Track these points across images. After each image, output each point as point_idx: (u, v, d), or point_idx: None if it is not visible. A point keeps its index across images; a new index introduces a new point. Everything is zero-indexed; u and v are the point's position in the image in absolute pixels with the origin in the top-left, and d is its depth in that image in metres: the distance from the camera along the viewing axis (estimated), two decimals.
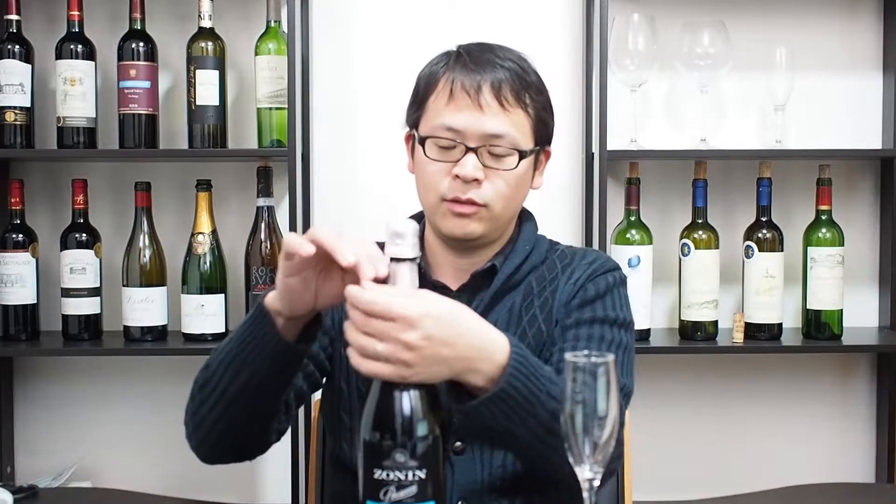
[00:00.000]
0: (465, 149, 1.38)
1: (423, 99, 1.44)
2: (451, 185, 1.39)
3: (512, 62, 1.42)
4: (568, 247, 1.54)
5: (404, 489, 1.00)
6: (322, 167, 2.48)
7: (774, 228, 2.35)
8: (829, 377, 2.54)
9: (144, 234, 2.32)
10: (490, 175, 1.39)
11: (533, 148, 1.43)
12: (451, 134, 1.39)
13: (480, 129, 1.38)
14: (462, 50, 1.44)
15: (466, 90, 1.38)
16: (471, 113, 1.38)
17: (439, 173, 1.40)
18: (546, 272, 1.48)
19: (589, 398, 1.03)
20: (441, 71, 1.42)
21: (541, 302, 1.45)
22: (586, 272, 1.46)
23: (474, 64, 1.40)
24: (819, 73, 2.47)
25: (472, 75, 1.39)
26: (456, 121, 1.38)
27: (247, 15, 2.44)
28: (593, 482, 1.07)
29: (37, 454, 2.49)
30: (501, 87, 1.39)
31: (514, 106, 1.39)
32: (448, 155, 1.40)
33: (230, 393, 1.28)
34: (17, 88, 2.27)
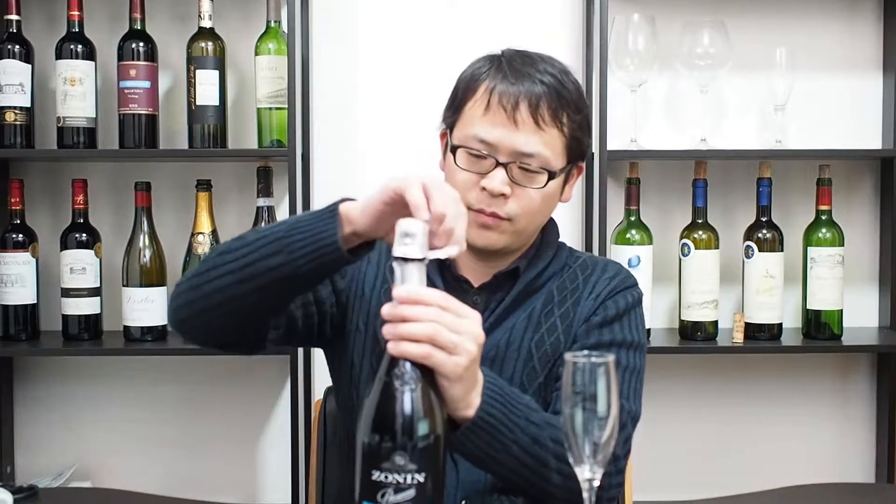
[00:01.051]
0: (496, 163, 1.38)
1: (460, 103, 1.44)
2: (478, 195, 1.39)
3: (552, 77, 1.40)
4: (589, 256, 1.55)
5: (402, 492, 0.99)
6: (322, 167, 2.48)
7: (774, 228, 2.35)
8: (829, 377, 2.54)
9: (144, 234, 2.32)
10: (517, 191, 1.39)
11: (564, 167, 1.43)
12: (483, 146, 1.39)
13: (513, 145, 1.38)
14: (504, 57, 1.43)
15: (503, 104, 1.38)
16: (505, 128, 1.38)
17: (468, 182, 1.40)
18: (567, 282, 1.49)
19: (589, 398, 1.03)
20: (482, 76, 1.41)
21: (561, 312, 1.46)
22: (607, 287, 1.47)
23: (514, 76, 1.39)
24: (819, 73, 2.47)
25: (511, 88, 1.38)
26: (489, 134, 1.38)
27: (247, 15, 2.44)
28: (593, 482, 1.07)
29: (37, 454, 2.49)
30: (539, 104, 1.38)
31: (549, 125, 1.39)
32: (478, 165, 1.40)
33: (254, 268, 1.24)
34: (17, 88, 2.27)
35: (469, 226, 1.36)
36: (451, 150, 1.42)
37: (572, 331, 1.45)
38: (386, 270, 1.46)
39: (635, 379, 1.45)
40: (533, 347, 1.44)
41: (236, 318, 1.31)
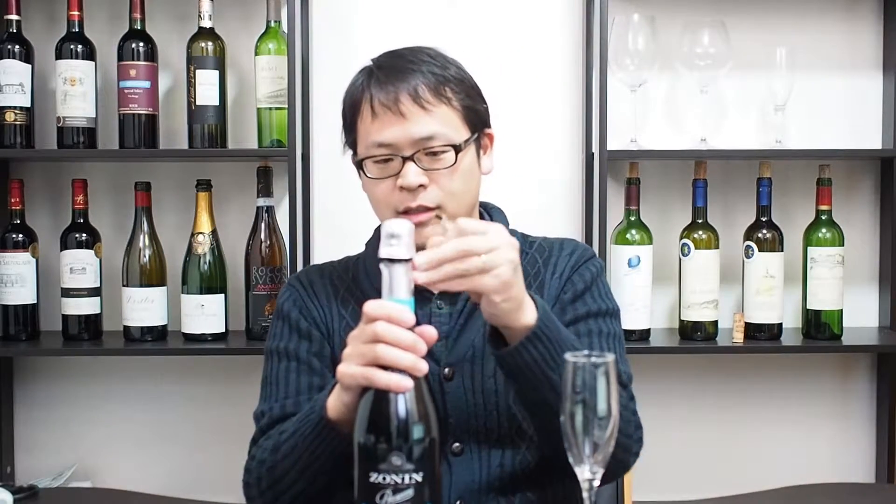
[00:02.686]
0: (402, 159, 1.40)
1: (351, 124, 1.47)
2: (399, 197, 1.40)
3: (421, 62, 1.43)
4: (543, 239, 1.56)
5: (401, 492, 0.99)
6: (322, 167, 2.48)
7: (774, 228, 2.35)
8: (829, 377, 2.54)
9: (144, 234, 2.32)
10: (434, 176, 1.40)
11: (469, 137, 1.44)
12: (384, 149, 1.40)
13: (409, 136, 1.39)
14: (374, 66, 1.46)
15: (386, 105, 1.40)
16: (396, 124, 1.39)
17: (386, 189, 1.42)
18: (528, 267, 1.49)
19: (589, 398, 1.03)
20: (359, 92, 1.45)
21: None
22: (569, 264, 1.49)
23: (386, 77, 1.41)
24: (819, 73, 2.47)
25: (387, 88, 1.40)
26: (384, 136, 1.40)
27: (247, 15, 2.44)
28: (593, 482, 1.07)
29: (37, 454, 2.49)
30: (417, 90, 1.40)
31: (435, 104, 1.40)
32: (388, 170, 1.41)
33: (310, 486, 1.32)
34: (17, 88, 2.27)
35: None
36: (357, 166, 1.45)
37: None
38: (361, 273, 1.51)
39: (618, 344, 1.47)
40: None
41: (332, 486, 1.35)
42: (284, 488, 1.34)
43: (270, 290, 2.31)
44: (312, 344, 1.47)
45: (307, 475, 1.31)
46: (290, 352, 1.47)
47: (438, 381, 1.41)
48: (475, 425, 1.42)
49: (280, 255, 2.33)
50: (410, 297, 1.03)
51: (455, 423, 1.42)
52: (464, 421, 1.42)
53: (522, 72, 2.46)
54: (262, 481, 1.38)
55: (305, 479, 1.31)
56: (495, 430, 1.42)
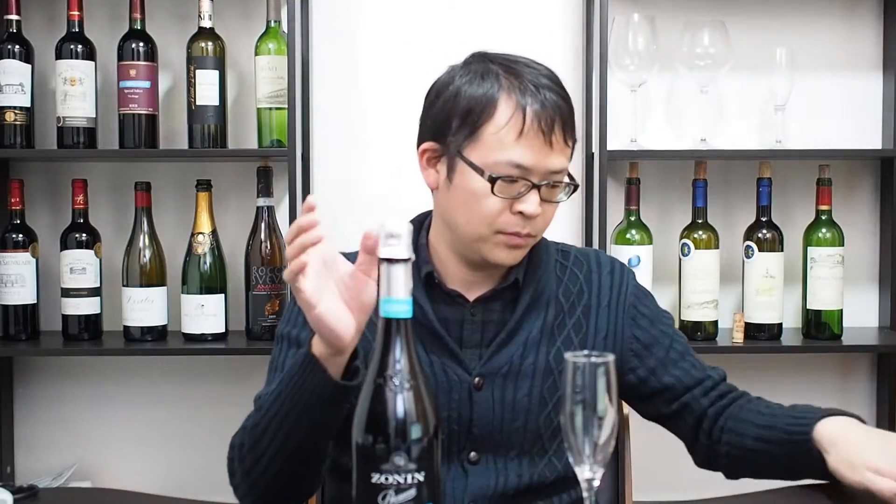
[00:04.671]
0: (531, 185, 1.35)
1: (476, 124, 1.35)
2: (510, 219, 1.36)
3: (559, 85, 1.39)
4: (576, 251, 1.54)
5: (403, 492, 0.99)
6: (322, 167, 2.48)
7: (774, 228, 2.35)
8: (829, 377, 2.54)
9: (144, 234, 2.32)
10: (544, 207, 1.38)
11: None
12: (518, 171, 1.34)
13: (547, 166, 1.36)
14: (503, 67, 1.37)
15: (541, 128, 1.34)
16: (541, 151, 1.35)
17: (498, 208, 1.36)
18: (570, 285, 1.48)
19: (589, 398, 1.03)
20: (496, 93, 1.35)
21: (573, 322, 1.46)
22: (616, 294, 1.49)
23: (536, 89, 1.35)
24: (819, 73, 2.47)
25: (544, 109, 1.34)
26: (527, 159, 1.34)
27: (247, 15, 2.44)
28: (593, 482, 1.07)
29: (37, 454, 2.50)
30: (566, 121, 1.37)
31: (572, 139, 1.39)
32: (510, 190, 1.35)
33: (290, 445, 1.27)
34: (17, 88, 2.27)
35: (497, 247, 1.38)
36: (490, 179, 1.34)
37: (588, 343, 1.45)
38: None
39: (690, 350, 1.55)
40: (552, 361, 1.43)
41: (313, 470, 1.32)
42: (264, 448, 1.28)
43: (270, 290, 2.31)
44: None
45: (287, 425, 1.25)
46: (301, 341, 1.42)
47: (468, 390, 1.41)
48: (497, 438, 1.41)
49: (280, 255, 2.33)
50: (408, 296, 1.03)
51: (478, 433, 1.41)
52: (487, 432, 1.41)
53: None
54: (245, 445, 1.31)
55: (285, 432, 1.26)
56: (517, 446, 1.42)
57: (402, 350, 1.02)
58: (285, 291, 2.32)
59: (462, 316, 1.43)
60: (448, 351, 1.41)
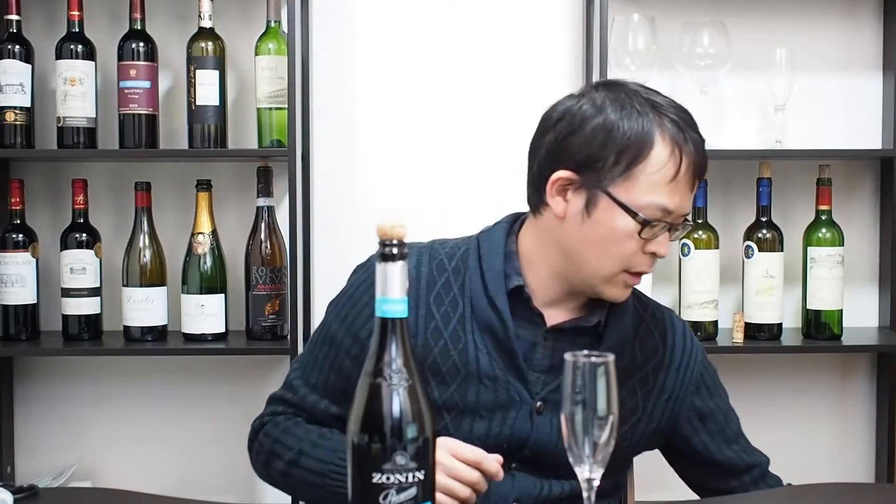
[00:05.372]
0: (667, 226, 1.33)
1: (631, 162, 1.31)
2: (642, 259, 1.35)
3: (694, 123, 1.36)
4: (652, 302, 1.54)
5: (405, 491, 0.99)
6: (322, 167, 2.48)
7: (774, 228, 2.35)
8: (829, 377, 2.54)
9: (144, 234, 2.32)
10: None
11: None
12: (664, 214, 1.32)
13: (686, 209, 1.35)
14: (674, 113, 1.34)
15: (695, 173, 1.33)
16: (686, 194, 1.34)
17: (633, 248, 1.34)
18: (646, 338, 1.47)
19: (589, 398, 1.04)
20: (653, 132, 1.31)
21: (642, 375, 1.46)
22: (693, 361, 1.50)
23: (686, 133, 1.32)
24: (819, 73, 2.47)
25: (698, 158, 1.33)
26: (676, 204, 1.32)
27: (247, 15, 2.44)
28: (593, 482, 1.07)
29: (37, 454, 2.49)
30: (705, 165, 1.36)
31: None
32: (652, 231, 1.33)
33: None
34: (17, 88, 2.26)
35: (618, 286, 1.38)
36: (643, 222, 1.31)
37: (650, 399, 1.46)
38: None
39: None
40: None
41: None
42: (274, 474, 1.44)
43: (270, 290, 2.31)
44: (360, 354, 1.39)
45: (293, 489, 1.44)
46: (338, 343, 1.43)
47: (529, 413, 1.40)
48: (547, 462, 1.41)
49: (280, 255, 2.33)
50: (404, 296, 1.03)
51: (528, 455, 1.41)
52: (537, 452, 1.41)
53: (522, 72, 2.46)
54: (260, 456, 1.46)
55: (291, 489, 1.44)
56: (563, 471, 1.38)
57: (399, 349, 1.02)
58: (285, 291, 2.32)
59: (536, 337, 1.41)
60: (516, 369, 1.39)
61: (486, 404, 1.39)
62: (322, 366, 1.45)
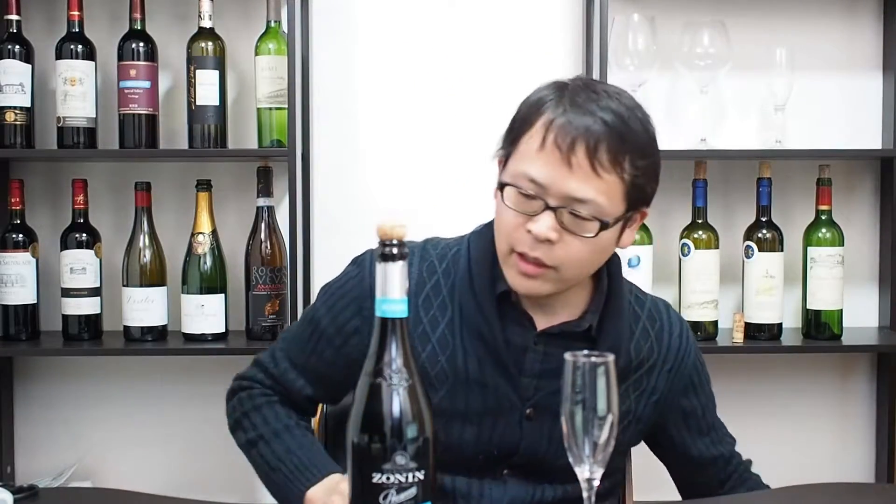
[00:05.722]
0: (545, 206, 1.26)
1: (517, 134, 1.31)
2: (523, 237, 1.28)
3: (616, 115, 1.27)
4: (651, 302, 1.50)
5: (405, 491, 0.99)
6: (322, 167, 2.48)
7: (774, 228, 2.35)
8: (829, 377, 2.54)
9: (144, 234, 2.32)
10: (566, 237, 1.27)
11: (622, 214, 1.31)
12: (533, 186, 1.26)
13: (565, 189, 1.25)
14: (569, 88, 1.30)
15: (558, 143, 1.25)
16: (558, 170, 1.25)
17: (514, 223, 1.29)
18: (641, 340, 1.44)
19: (589, 398, 1.03)
20: (541, 108, 1.28)
21: (636, 378, 1.43)
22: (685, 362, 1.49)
23: (574, 110, 1.26)
24: (819, 73, 2.47)
25: (569, 126, 1.25)
26: (541, 174, 1.26)
27: (247, 15, 2.44)
28: (593, 482, 1.07)
29: (37, 454, 2.49)
30: (598, 146, 1.25)
31: (607, 171, 1.26)
32: (526, 205, 1.28)
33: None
34: (17, 88, 2.27)
35: (511, 270, 1.32)
36: (500, 186, 1.30)
37: (642, 400, 1.44)
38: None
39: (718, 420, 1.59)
40: None
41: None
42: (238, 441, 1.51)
43: (270, 290, 2.31)
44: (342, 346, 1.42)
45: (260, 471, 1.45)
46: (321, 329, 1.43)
47: (518, 419, 1.38)
48: (539, 468, 1.40)
49: (280, 255, 2.33)
50: (404, 296, 1.03)
51: (519, 462, 1.39)
52: (529, 462, 1.39)
53: (522, 72, 2.46)
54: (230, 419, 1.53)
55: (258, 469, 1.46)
56: (556, 476, 1.40)
57: (399, 349, 1.02)
58: (285, 291, 2.32)
59: (526, 342, 1.38)
60: (506, 375, 1.37)
61: (476, 410, 1.37)
62: (305, 346, 1.45)
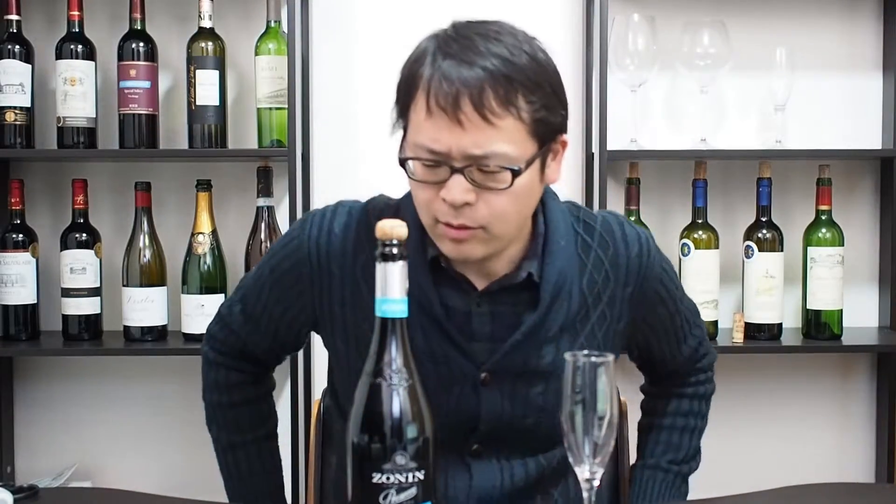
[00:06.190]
0: (451, 170, 1.20)
1: (404, 106, 1.25)
2: (440, 207, 1.22)
3: (496, 56, 1.20)
4: (601, 222, 1.40)
5: (405, 491, 0.99)
6: (322, 167, 2.48)
7: (774, 228, 2.35)
8: (829, 377, 2.54)
9: (144, 234, 2.32)
10: (484, 194, 1.21)
11: (534, 155, 1.23)
12: (433, 155, 1.20)
13: (463, 149, 1.18)
14: (443, 37, 1.25)
15: (442, 105, 1.18)
16: (450, 131, 1.18)
17: (429, 196, 1.23)
18: (595, 273, 1.35)
19: (589, 398, 1.04)
20: (418, 71, 1.23)
21: (598, 315, 1.36)
22: (648, 279, 1.39)
23: (450, 65, 1.19)
24: (819, 73, 2.47)
25: (446, 84, 1.18)
26: (436, 141, 1.19)
27: (247, 15, 2.44)
28: (593, 482, 1.07)
29: (37, 454, 2.50)
30: (482, 95, 1.17)
31: (500, 116, 1.18)
32: (434, 174, 1.22)
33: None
34: (17, 88, 2.27)
35: (442, 240, 1.26)
36: (400, 163, 1.25)
37: (610, 333, 1.37)
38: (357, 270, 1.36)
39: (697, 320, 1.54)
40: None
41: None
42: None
43: None
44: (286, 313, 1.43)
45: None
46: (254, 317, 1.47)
47: (472, 384, 1.33)
48: (506, 434, 1.35)
49: None
50: (404, 296, 1.03)
51: (484, 429, 1.35)
52: (494, 428, 1.35)
53: None
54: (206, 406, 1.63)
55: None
56: (527, 442, 1.37)
57: (399, 349, 1.03)
58: None
59: (468, 306, 1.33)
60: (451, 341, 1.32)
61: (428, 381, 1.23)
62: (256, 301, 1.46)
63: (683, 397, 1.55)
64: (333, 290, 1.36)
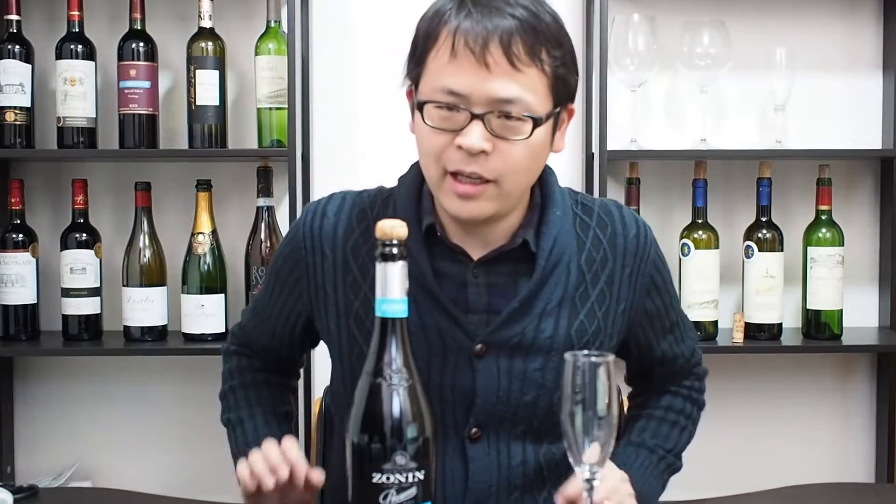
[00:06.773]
0: (470, 115, 1.20)
1: (423, 53, 1.25)
2: (454, 156, 1.22)
3: (524, 9, 1.21)
4: (600, 205, 1.41)
5: (405, 491, 0.99)
6: (322, 167, 2.48)
7: (774, 228, 2.35)
8: (829, 377, 2.54)
9: (144, 234, 2.32)
10: (500, 145, 1.21)
11: (551, 111, 1.25)
12: (454, 98, 1.21)
13: (487, 92, 1.19)
14: None
15: (470, 46, 1.18)
16: (476, 73, 1.19)
17: (441, 143, 1.23)
18: (593, 251, 1.35)
19: (589, 398, 1.04)
20: (441, 20, 1.23)
21: (598, 293, 1.35)
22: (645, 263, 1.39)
23: (480, 12, 1.19)
24: (819, 73, 2.47)
25: (478, 26, 1.18)
26: (458, 83, 1.20)
27: (247, 15, 2.44)
28: (593, 482, 1.07)
29: (37, 454, 2.50)
30: (511, 41, 1.18)
31: (526, 64, 1.20)
32: (451, 122, 1.22)
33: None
34: (17, 88, 2.27)
35: (448, 196, 1.26)
36: (418, 107, 1.25)
37: (610, 315, 1.36)
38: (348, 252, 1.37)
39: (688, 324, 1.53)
40: (574, 336, 1.33)
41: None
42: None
43: None
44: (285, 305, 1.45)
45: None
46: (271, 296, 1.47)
47: (468, 357, 1.30)
48: (503, 412, 1.32)
49: None
50: (404, 296, 1.03)
51: (481, 405, 1.31)
52: (491, 405, 1.31)
53: None
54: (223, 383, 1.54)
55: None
56: (525, 421, 1.34)
57: (399, 349, 1.03)
58: None
59: (464, 276, 1.31)
60: (446, 313, 1.30)
61: (420, 354, 1.25)
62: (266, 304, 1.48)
63: (678, 395, 1.54)
64: (326, 270, 1.37)
